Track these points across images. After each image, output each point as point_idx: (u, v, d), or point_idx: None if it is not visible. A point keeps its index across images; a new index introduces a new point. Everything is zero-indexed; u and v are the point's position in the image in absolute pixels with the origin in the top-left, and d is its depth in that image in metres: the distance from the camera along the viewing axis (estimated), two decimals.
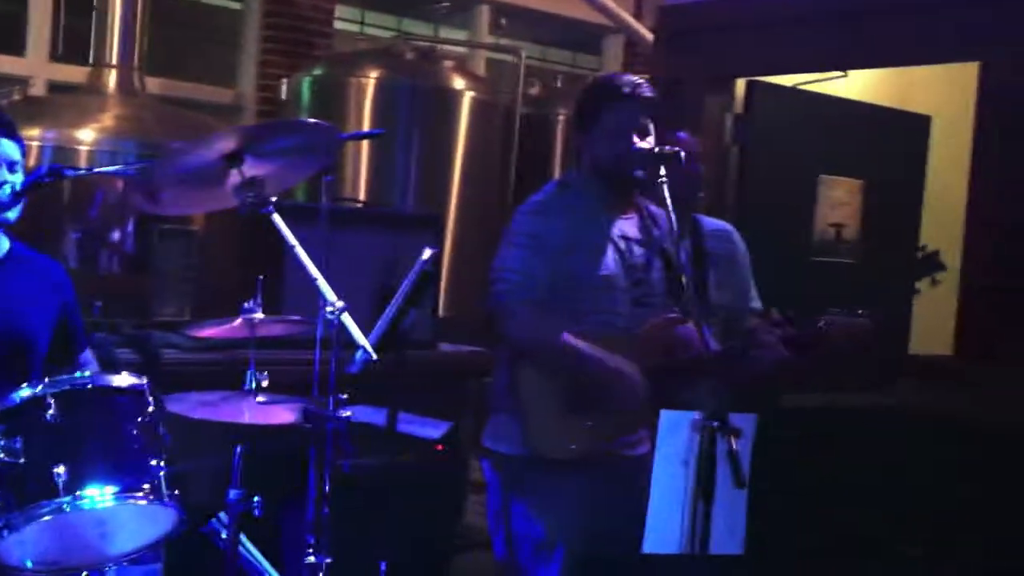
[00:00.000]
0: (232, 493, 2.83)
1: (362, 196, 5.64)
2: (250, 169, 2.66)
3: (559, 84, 7.35)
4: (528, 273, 2.83)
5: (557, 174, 6.33)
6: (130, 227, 4.50)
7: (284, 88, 6.14)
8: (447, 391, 4.27)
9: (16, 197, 2.84)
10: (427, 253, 2.87)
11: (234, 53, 6.60)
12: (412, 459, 3.76)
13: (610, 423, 2.82)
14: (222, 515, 2.95)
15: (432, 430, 3.63)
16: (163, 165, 2.90)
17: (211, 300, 4.27)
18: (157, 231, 4.33)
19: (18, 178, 2.82)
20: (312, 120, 2.88)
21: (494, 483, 3.01)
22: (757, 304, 3.34)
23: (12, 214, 2.82)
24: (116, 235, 4.52)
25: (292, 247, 2.55)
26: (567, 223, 2.90)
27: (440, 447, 3.83)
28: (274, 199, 2.63)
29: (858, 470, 4.46)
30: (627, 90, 2.93)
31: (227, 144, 2.61)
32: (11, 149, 2.83)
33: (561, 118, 6.71)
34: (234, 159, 2.64)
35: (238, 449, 2.83)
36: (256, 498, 2.85)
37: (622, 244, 2.95)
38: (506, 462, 2.95)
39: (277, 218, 2.60)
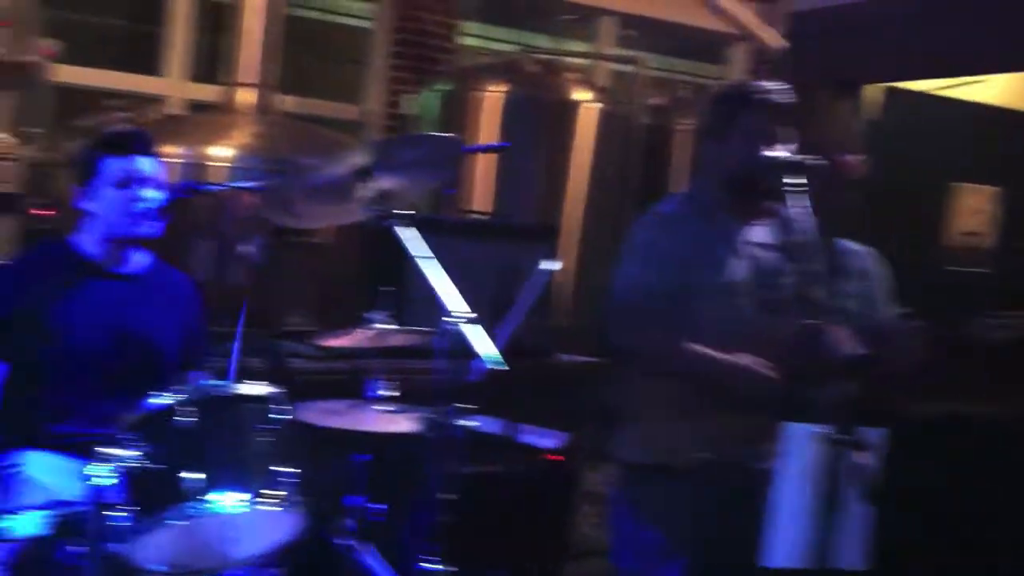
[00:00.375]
0: (355, 500, 2.89)
1: (486, 208, 5.68)
2: (379, 182, 2.72)
3: (681, 94, 7.28)
4: (646, 283, 2.81)
5: (678, 184, 6.27)
6: (259, 239, 4.63)
7: (409, 103, 6.24)
8: (564, 401, 4.27)
9: (160, 213, 2.97)
10: (548, 264, 2.88)
11: (360, 70, 6.74)
12: (529, 468, 3.77)
13: (736, 431, 2.78)
14: (345, 522, 3.02)
15: (549, 440, 3.64)
16: (298, 180, 2.98)
17: (336, 310, 4.36)
18: (285, 243, 4.46)
19: (159, 195, 2.94)
20: (438, 133, 2.93)
21: (616, 492, 3.01)
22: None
23: (155, 230, 2.95)
24: (245, 247, 4.66)
25: (415, 258, 2.60)
26: (691, 233, 2.87)
27: (557, 457, 3.83)
28: (399, 212, 2.69)
29: (990, 483, 4.29)
30: (761, 97, 2.89)
31: (359, 158, 2.67)
32: (151, 167, 2.95)
33: (683, 128, 6.65)
34: (365, 173, 2.70)
35: (361, 457, 2.89)
36: (378, 505, 2.90)
37: (752, 250, 2.90)
38: (629, 471, 2.94)
39: (401, 230, 2.65)
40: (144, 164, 2.95)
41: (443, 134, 2.91)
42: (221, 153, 4.84)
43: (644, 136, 6.28)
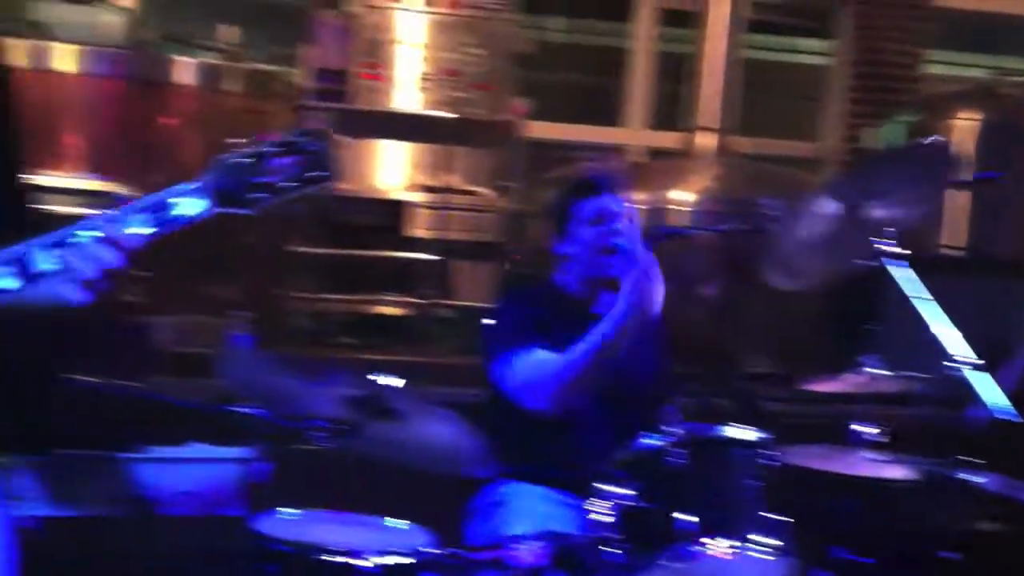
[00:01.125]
0: (838, 550, 2.76)
1: (958, 243, 5.31)
2: (866, 215, 2.60)
3: None
4: None
5: None
6: (723, 281, 4.64)
7: (871, 137, 6.00)
8: None
9: (630, 251, 3.04)
10: None
11: (817, 107, 6.60)
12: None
13: None
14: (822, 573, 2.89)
15: None
16: (786, 230, 2.91)
17: (805, 353, 4.25)
18: (748, 286, 4.42)
19: (630, 233, 3.00)
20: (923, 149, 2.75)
21: None
22: None
23: (629, 267, 3.02)
24: (707, 289, 4.69)
25: (910, 299, 2.45)
26: None
27: None
28: (893, 251, 2.55)
29: None
30: None
31: (845, 195, 2.58)
32: (621, 206, 3.04)
33: None
34: (854, 207, 2.60)
35: (848, 506, 2.76)
36: (866, 558, 2.75)
37: None
38: None
39: (895, 269, 2.52)
40: (613, 203, 3.04)
41: (929, 146, 2.71)
42: (683, 197, 4.92)
43: None
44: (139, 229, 1.66)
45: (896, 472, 2.69)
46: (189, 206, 1.68)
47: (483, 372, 3.01)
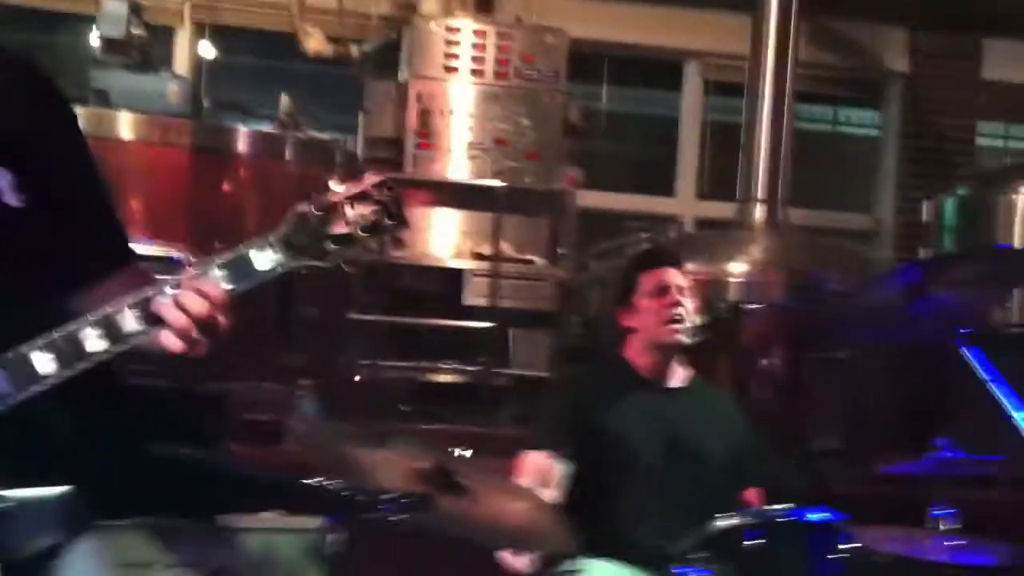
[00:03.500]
0: None
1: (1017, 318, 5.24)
2: (934, 300, 2.58)
3: None
4: None
5: None
6: (786, 356, 4.60)
7: (926, 210, 5.97)
8: None
9: (697, 331, 3.03)
10: None
11: (870, 178, 6.59)
12: None
13: None
14: None
15: None
16: (848, 301, 2.92)
17: (873, 432, 4.20)
18: (812, 360, 4.40)
19: (694, 304, 3.01)
20: (1007, 245, 2.73)
21: None
22: None
23: (692, 339, 3.01)
24: (770, 363, 4.64)
25: (987, 381, 2.42)
26: None
27: None
28: (964, 331, 2.52)
29: None
30: None
31: (913, 274, 2.56)
32: (680, 277, 3.04)
33: None
34: (918, 290, 2.58)
35: None
36: None
37: None
38: None
39: (967, 351, 2.49)
40: (676, 275, 3.04)
41: (1010, 247, 2.69)
42: (737, 268, 4.90)
43: None
44: (220, 283, 1.65)
45: (975, 557, 2.62)
46: (265, 260, 1.67)
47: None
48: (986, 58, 6.46)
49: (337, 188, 1.69)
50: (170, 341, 1.61)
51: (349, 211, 1.69)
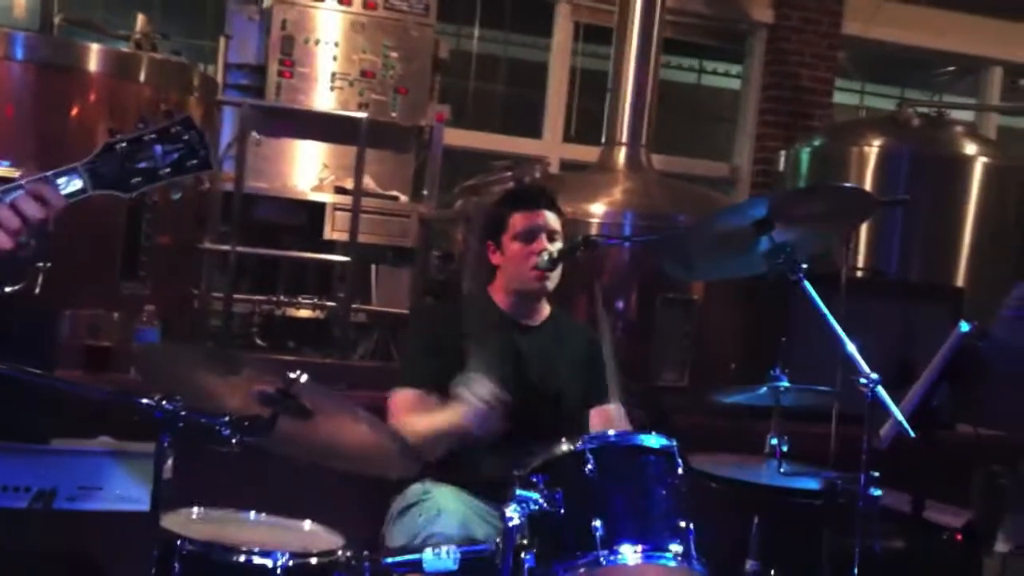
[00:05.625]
0: (750, 564, 2.79)
1: (859, 263, 5.46)
2: (779, 235, 2.66)
3: None
4: None
5: None
6: (633, 295, 4.69)
7: (782, 160, 6.14)
8: (961, 476, 3.94)
9: (553, 263, 3.05)
10: (965, 326, 2.69)
11: (730, 128, 6.73)
12: (933, 548, 3.49)
13: None
14: None
15: (953, 518, 3.37)
16: (696, 232, 2.98)
17: (707, 366, 4.33)
18: (660, 300, 4.49)
19: (557, 247, 3.03)
20: (850, 184, 2.82)
21: None
22: None
23: (552, 282, 3.03)
24: (620, 303, 4.73)
25: (825, 315, 2.50)
26: None
27: (961, 537, 3.53)
28: (804, 265, 2.61)
29: None
30: None
31: (759, 210, 2.63)
32: (554, 220, 3.05)
33: None
34: (764, 225, 2.65)
35: (756, 519, 2.80)
36: (772, 571, 2.79)
37: None
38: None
39: (807, 285, 2.57)
40: (549, 219, 3.03)
41: (851, 185, 2.79)
42: (598, 210, 4.94)
43: None
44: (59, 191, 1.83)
45: (801, 484, 2.73)
46: (71, 186, 1.84)
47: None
48: (847, 13, 6.63)
49: (145, 126, 1.84)
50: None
51: (156, 149, 1.84)
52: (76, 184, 1.84)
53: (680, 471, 2.49)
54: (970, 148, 5.66)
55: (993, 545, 3.25)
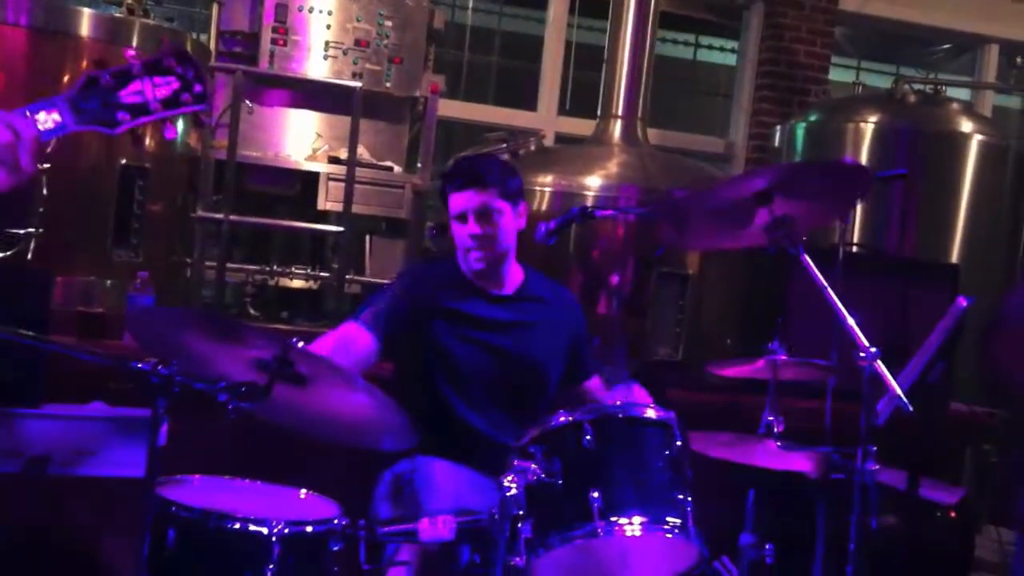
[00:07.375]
0: (744, 537, 2.79)
1: (854, 240, 5.45)
2: (779, 208, 2.64)
3: None
4: None
5: None
6: (629, 270, 4.68)
7: (777, 136, 6.11)
8: (957, 453, 3.96)
9: (549, 236, 3.03)
10: (963, 303, 2.68)
11: (725, 104, 6.70)
12: (927, 525, 3.50)
13: None
14: (725, 559, 2.92)
15: (946, 495, 3.37)
16: (695, 200, 2.95)
17: (702, 341, 4.32)
18: (655, 274, 4.49)
19: (493, 229, 2.93)
20: (849, 160, 2.80)
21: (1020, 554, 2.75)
22: None
23: (482, 264, 2.96)
24: (615, 277, 4.72)
25: (825, 289, 2.49)
26: None
27: (954, 515, 3.54)
28: (803, 239, 2.59)
29: None
30: None
31: (759, 182, 2.61)
32: (485, 198, 2.91)
33: None
34: (765, 198, 2.63)
35: (752, 493, 2.79)
36: (768, 545, 2.79)
37: None
38: None
39: (807, 259, 2.55)
40: (475, 198, 2.91)
41: (853, 161, 2.77)
42: (593, 183, 4.93)
43: None
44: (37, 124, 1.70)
45: (799, 462, 2.73)
46: (49, 120, 1.71)
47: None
48: None
49: (135, 58, 1.72)
50: None
51: (145, 82, 1.71)
52: (55, 118, 1.72)
53: (678, 443, 2.48)
54: (966, 126, 5.65)
55: (983, 522, 3.26)
